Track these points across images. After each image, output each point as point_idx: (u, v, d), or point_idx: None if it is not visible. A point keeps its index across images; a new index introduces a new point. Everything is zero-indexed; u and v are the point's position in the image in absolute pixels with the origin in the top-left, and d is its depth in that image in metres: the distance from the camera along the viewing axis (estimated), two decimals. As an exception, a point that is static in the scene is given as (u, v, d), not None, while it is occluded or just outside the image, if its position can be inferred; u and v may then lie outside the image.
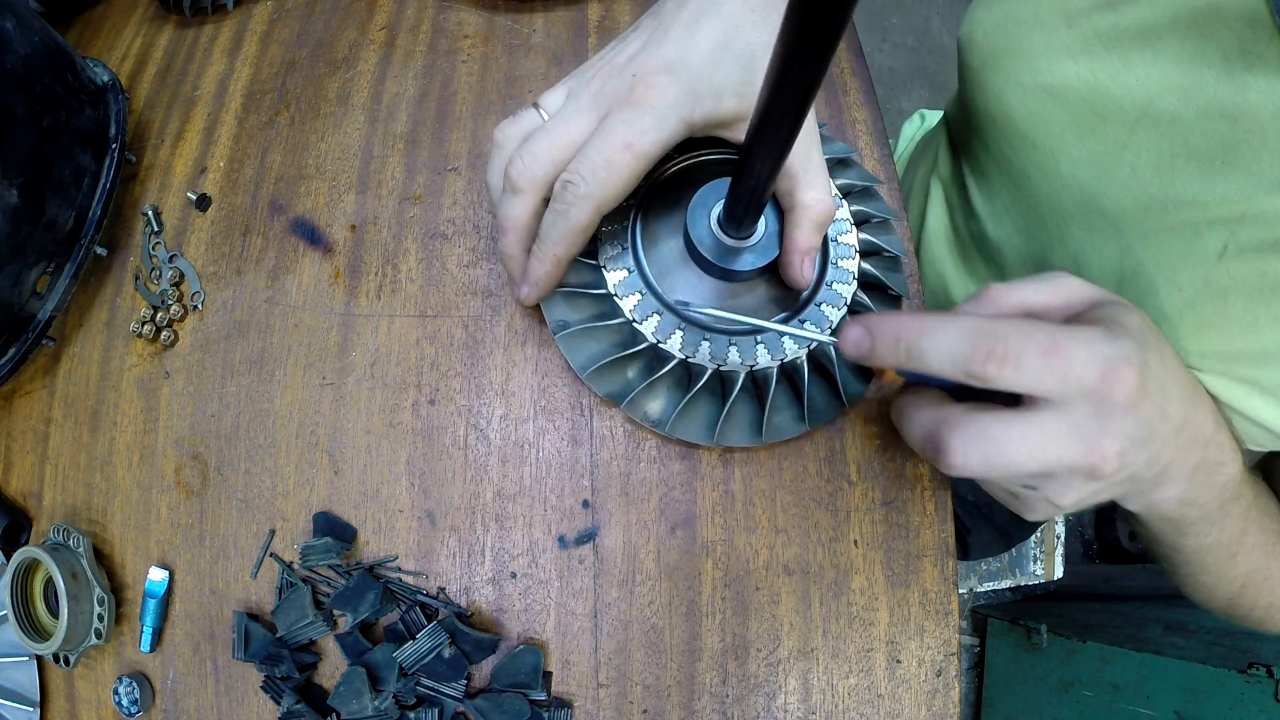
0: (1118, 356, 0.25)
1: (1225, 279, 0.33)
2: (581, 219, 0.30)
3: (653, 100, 0.28)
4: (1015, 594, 1.33)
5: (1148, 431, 0.27)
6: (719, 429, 0.33)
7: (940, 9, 1.66)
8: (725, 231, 0.31)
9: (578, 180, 0.29)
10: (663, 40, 0.29)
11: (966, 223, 0.53)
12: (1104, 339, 0.26)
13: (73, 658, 0.37)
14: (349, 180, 0.43)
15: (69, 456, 0.41)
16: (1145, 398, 0.26)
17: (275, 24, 0.49)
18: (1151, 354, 0.27)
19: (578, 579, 0.36)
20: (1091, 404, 0.26)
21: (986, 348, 0.25)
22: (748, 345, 0.33)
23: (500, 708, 0.33)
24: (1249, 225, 0.32)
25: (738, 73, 0.29)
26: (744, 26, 0.29)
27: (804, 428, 0.34)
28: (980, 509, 0.69)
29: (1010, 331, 0.26)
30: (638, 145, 0.28)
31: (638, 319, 0.33)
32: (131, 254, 0.44)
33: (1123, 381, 0.25)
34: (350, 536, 0.37)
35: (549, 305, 0.35)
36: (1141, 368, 0.26)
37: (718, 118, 0.30)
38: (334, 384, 0.39)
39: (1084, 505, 0.29)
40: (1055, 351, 0.25)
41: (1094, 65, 0.37)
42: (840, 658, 0.34)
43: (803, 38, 0.18)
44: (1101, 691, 0.95)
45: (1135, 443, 0.26)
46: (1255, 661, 0.77)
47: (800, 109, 0.22)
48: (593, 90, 0.30)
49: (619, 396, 0.34)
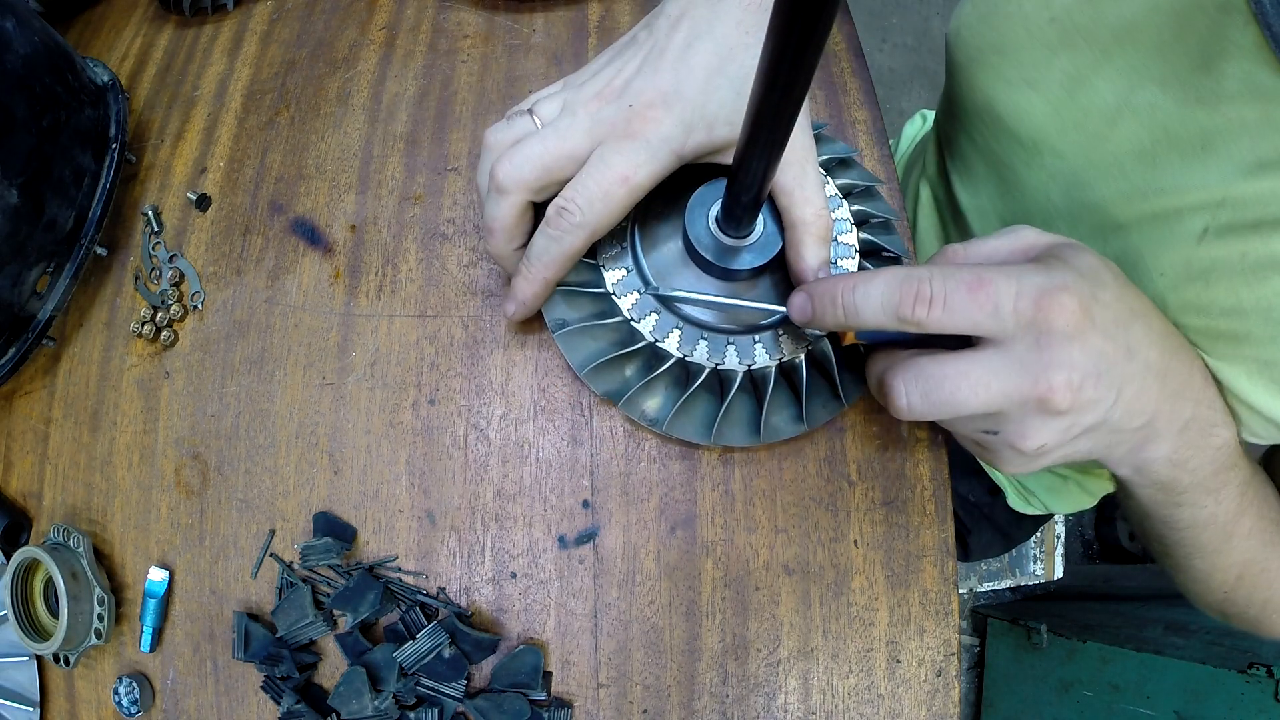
0: (1051, 285, 0.26)
1: (1206, 261, 0.33)
2: (574, 245, 0.31)
3: (649, 134, 0.29)
4: (1015, 594, 1.33)
5: (1102, 364, 0.26)
6: (716, 428, 0.33)
7: (940, 9, 1.67)
8: (724, 231, 0.31)
9: (574, 209, 0.29)
10: (658, 66, 0.30)
11: (954, 220, 0.53)
12: (1036, 271, 0.26)
13: (73, 658, 0.37)
14: (349, 180, 0.43)
15: (69, 456, 0.41)
16: (1092, 327, 0.26)
17: (275, 24, 0.49)
18: (1104, 290, 0.27)
19: (578, 579, 0.36)
20: (1031, 335, 0.26)
21: (913, 292, 0.26)
22: (745, 345, 0.33)
23: (500, 708, 0.33)
24: (1229, 209, 0.32)
25: (731, 99, 0.29)
26: (738, 50, 0.30)
27: (802, 428, 0.34)
28: (981, 509, 0.68)
29: (935, 274, 0.26)
30: (634, 179, 0.29)
31: (635, 318, 0.33)
32: (131, 254, 0.44)
33: (1060, 309, 0.25)
34: (350, 536, 0.37)
35: (548, 304, 0.35)
36: (1084, 297, 0.26)
37: (710, 146, 0.30)
38: (334, 384, 0.39)
39: (1062, 454, 0.29)
40: (980, 286, 0.26)
41: (1076, 59, 0.37)
42: (840, 658, 0.34)
43: (788, 38, 0.19)
44: (1101, 691, 0.95)
45: (1088, 375, 0.26)
46: (1255, 661, 0.77)
47: (791, 110, 0.22)
48: (590, 111, 0.30)
49: (616, 395, 0.34)
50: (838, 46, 0.45)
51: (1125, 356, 0.27)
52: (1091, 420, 0.27)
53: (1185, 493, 0.33)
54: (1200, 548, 0.36)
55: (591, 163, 0.29)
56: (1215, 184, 0.32)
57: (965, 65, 0.43)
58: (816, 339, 0.33)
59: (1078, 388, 0.26)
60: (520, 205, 0.31)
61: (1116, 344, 0.27)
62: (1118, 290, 0.28)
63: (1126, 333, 0.27)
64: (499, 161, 0.30)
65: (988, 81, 0.42)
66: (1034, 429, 0.27)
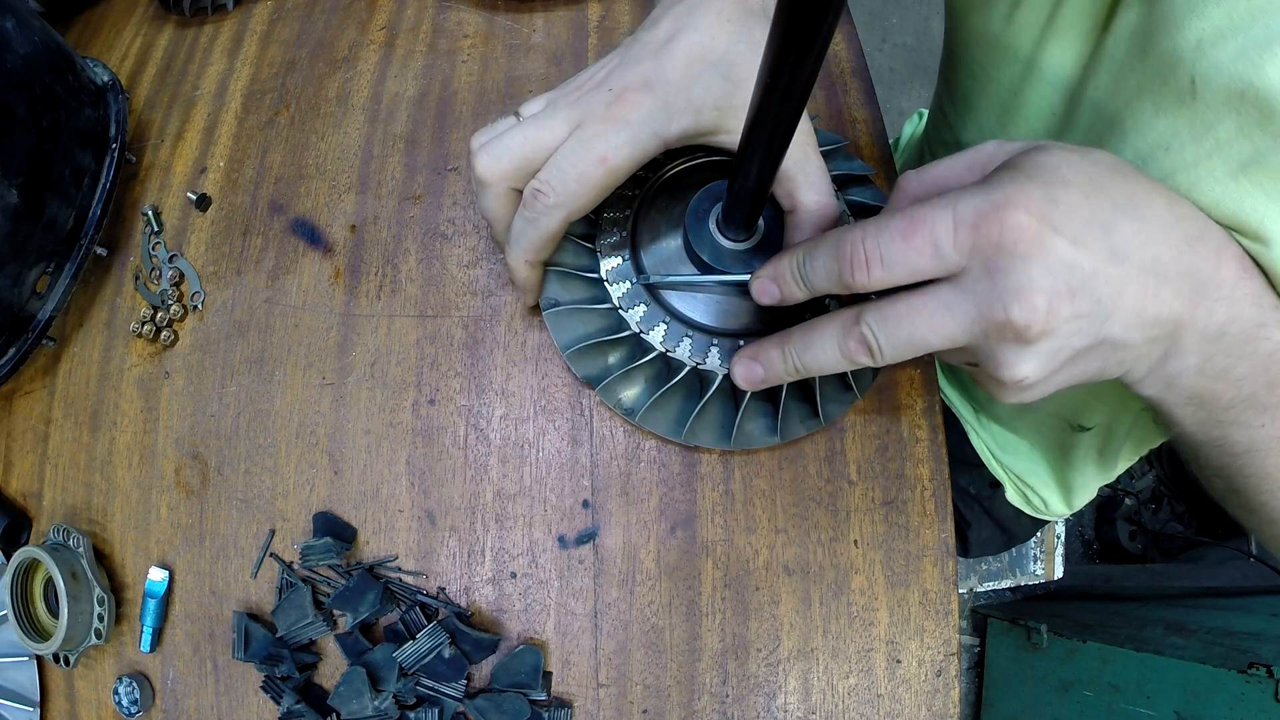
0: (991, 204, 0.23)
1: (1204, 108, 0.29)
2: (550, 227, 0.30)
3: (628, 116, 0.29)
4: (1015, 594, 1.33)
5: (1074, 277, 0.23)
6: (688, 427, 0.34)
7: (940, 9, 1.66)
8: (724, 233, 0.31)
9: (547, 190, 0.29)
10: (640, 56, 0.30)
11: None
12: (975, 192, 0.24)
13: (73, 658, 0.37)
14: (349, 180, 0.43)
15: (69, 456, 0.41)
16: (1054, 236, 0.23)
17: (275, 24, 0.49)
18: (1067, 189, 0.24)
19: (578, 579, 0.36)
20: (982, 262, 0.24)
21: (849, 258, 0.25)
22: (729, 347, 0.33)
23: (500, 708, 0.33)
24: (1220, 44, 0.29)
25: (718, 84, 0.29)
26: (720, 38, 0.30)
27: (774, 440, 0.34)
28: (980, 502, 0.68)
29: (866, 233, 0.25)
30: (612, 160, 0.29)
31: (624, 306, 0.33)
32: (131, 254, 0.44)
33: (1004, 227, 0.23)
34: (350, 536, 0.37)
35: (545, 283, 0.35)
36: (1036, 206, 0.23)
37: (697, 130, 0.30)
38: (334, 384, 0.39)
39: (1059, 380, 0.26)
40: (913, 230, 0.24)
41: None
42: (840, 658, 0.34)
43: (791, 40, 0.19)
44: (1101, 691, 0.95)
45: (1056, 293, 0.23)
46: (1255, 661, 0.77)
47: (793, 113, 0.22)
48: (570, 101, 0.30)
49: (596, 380, 0.34)
50: (838, 46, 0.45)
51: (1109, 260, 0.24)
52: (1082, 342, 0.25)
53: (1231, 409, 0.28)
54: (1268, 476, 0.30)
55: (568, 144, 0.29)
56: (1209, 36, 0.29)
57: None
58: None
59: (1045, 309, 0.23)
60: (504, 196, 0.31)
61: (1092, 249, 0.24)
62: (1089, 186, 0.24)
63: (1108, 233, 0.24)
64: (477, 154, 0.31)
65: (982, 3, 0.41)
66: (1010, 359, 0.25)
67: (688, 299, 0.34)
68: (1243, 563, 1.07)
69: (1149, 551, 1.36)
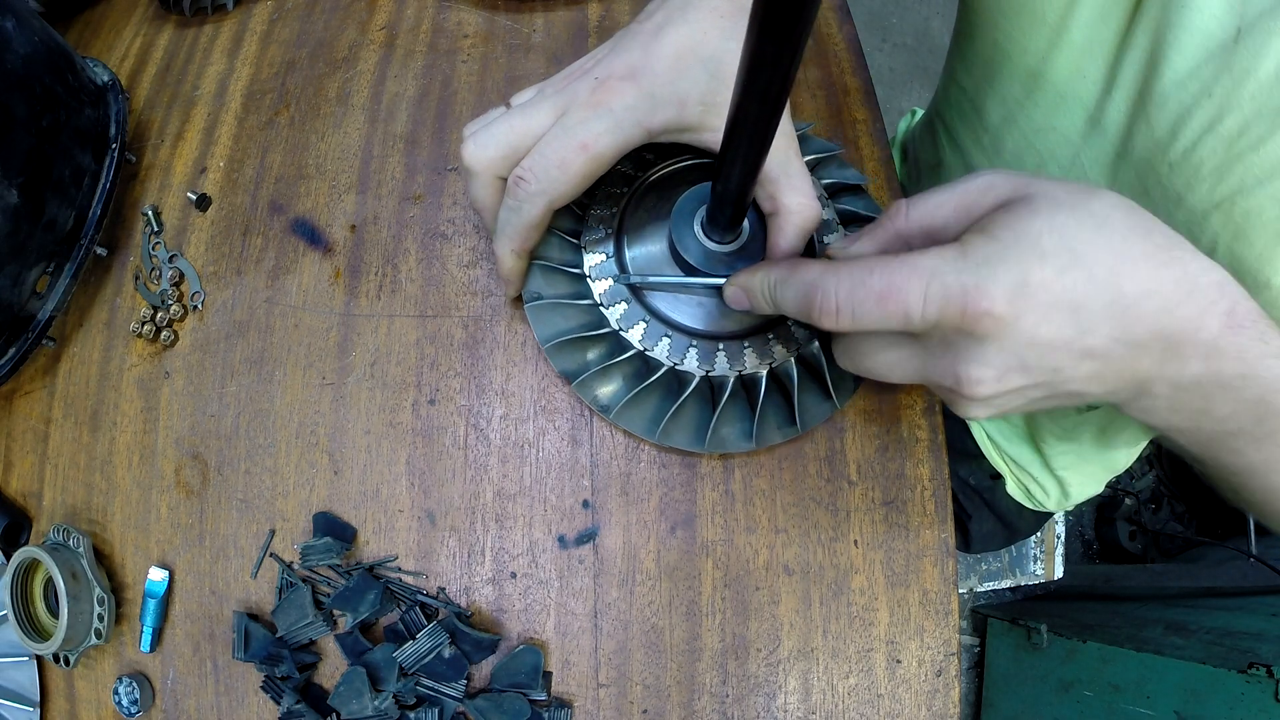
0: (962, 288, 0.24)
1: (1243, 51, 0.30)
2: (533, 215, 0.30)
3: (612, 103, 0.29)
4: (1015, 594, 1.33)
5: (1029, 354, 0.24)
6: (663, 427, 0.33)
7: (940, 9, 1.66)
8: (708, 235, 0.32)
9: (530, 178, 0.29)
10: (630, 46, 0.30)
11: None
12: (950, 267, 0.24)
13: (73, 658, 0.37)
14: (349, 180, 0.43)
15: (69, 456, 0.41)
16: (1016, 322, 0.24)
17: (275, 24, 0.49)
18: (1042, 265, 0.24)
19: (578, 579, 0.36)
20: (942, 336, 0.25)
21: (818, 305, 0.27)
22: (708, 350, 0.33)
23: (500, 708, 0.33)
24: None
25: (704, 80, 0.29)
26: (711, 34, 0.30)
27: (749, 446, 0.34)
28: (981, 494, 0.68)
29: (840, 283, 0.26)
30: (594, 147, 0.29)
31: (605, 303, 0.33)
32: (131, 254, 0.44)
33: (970, 315, 0.24)
34: (350, 536, 0.37)
35: (529, 276, 0.35)
36: (1004, 294, 0.23)
37: (681, 124, 0.30)
38: (334, 384, 0.39)
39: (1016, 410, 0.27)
40: (888, 297, 0.25)
41: None
42: (840, 658, 0.34)
43: (767, 39, 0.19)
44: (1101, 691, 0.95)
45: (1008, 369, 0.25)
46: (1255, 661, 0.77)
47: (771, 113, 0.22)
48: (557, 88, 0.30)
49: (573, 375, 0.34)
50: (838, 46, 0.45)
51: (1074, 334, 0.24)
52: (1037, 394, 0.26)
53: (1215, 440, 0.28)
54: (1273, 490, 0.30)
55: (552, 131, 0.29)
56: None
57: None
58: (782, 358, 0.33)
59: (995, 380, 0.25)
60: (492, 184, 0.32)
61: (1056, 326, 0.24)
62: (1067, 258, 0.24)
63: (1075, 313, 0.24)
64: (465, 142, 0.31)
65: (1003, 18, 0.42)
66: (961, 406, 0.27)
67: (669, 299, 0.34)
68: (1243, 563, 1.07)
69: (1149, 551, 1.36)
